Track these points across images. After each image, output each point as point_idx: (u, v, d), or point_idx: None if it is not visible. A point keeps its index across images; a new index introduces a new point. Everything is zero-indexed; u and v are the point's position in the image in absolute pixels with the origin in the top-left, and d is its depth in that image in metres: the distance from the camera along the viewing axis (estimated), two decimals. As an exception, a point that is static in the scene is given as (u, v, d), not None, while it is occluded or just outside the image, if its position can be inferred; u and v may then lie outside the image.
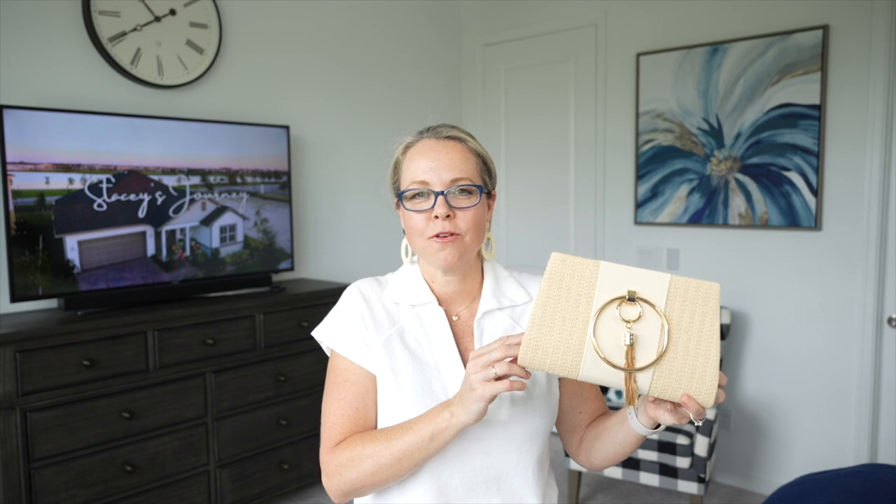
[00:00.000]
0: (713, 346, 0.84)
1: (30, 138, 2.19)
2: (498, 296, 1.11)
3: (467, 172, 1.05)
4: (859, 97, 2.68)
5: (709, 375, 0.83)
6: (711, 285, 0.87)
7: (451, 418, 0.93)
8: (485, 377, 0.88)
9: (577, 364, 0.85)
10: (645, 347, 0.84)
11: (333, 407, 1.05)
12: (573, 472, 2.82)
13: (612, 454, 1.06)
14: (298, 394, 2.77)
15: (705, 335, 0.84)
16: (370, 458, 0.97)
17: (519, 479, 1.04)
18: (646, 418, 0.94)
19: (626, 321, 0.85)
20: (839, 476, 1.20)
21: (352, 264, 3.44)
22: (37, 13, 2.36)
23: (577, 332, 0.86)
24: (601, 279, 0.87)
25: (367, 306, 1.09)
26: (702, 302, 0.86)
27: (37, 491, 2.06)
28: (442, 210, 1.02)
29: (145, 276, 2.49)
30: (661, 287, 0.86)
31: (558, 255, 0.90)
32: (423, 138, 1.09)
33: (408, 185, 1.06)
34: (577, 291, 0.87)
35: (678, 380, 0.83)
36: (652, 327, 0.85)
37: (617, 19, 3.34)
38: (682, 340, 0.84)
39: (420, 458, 0.96)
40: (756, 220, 2.95)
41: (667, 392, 0.84)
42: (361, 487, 1.00)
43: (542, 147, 3.70)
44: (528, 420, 1.04)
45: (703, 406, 0.83)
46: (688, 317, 0.85)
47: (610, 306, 0.86)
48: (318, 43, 3.27)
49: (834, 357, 2.82)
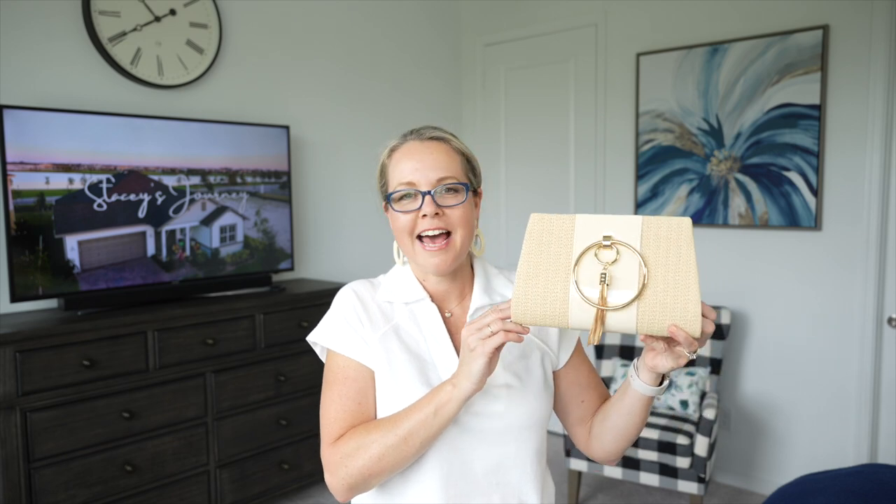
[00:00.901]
0: (692, 277, 0.87)
1: (30, 138, 2.19)
2: (489, 292, 1.13)
3: (453, 171, 1.07)
4: (859, 97, 2.68)
5: (691, 303, 0.86)
6: (682, 220, 0.89)
7: (453, 390, 0.94)
8: (481, 336, 0.91)
9: (566, 311, 0.89)
10: (626, 286, 0.87)
11: (333, 404, 1.05)
12: (573, 472, 2.82)
13: (622, 430, 1.06)
14: (298, 394, 2.77)
15: (682, 266, 0.87)
16: (375, 443, 0.98)
17: (517, 471, 1.04)
18: (647, 374, 0.97)
19: (604, 264, 0.88)
20: (839, 476, 1.21)
21: (352, 264, 3.44)
22: (37, 13, 2.36)
23: (561, 282, 0.89)
24: (577, 230, 0.91)
25: (362, 304, 1.10)
26: (675, 237, 0.89)
27: (37, 491, 2.06)
28: (430, 209, 1.04)
29: (145, 276, 2.49)
30: (635, 229, 0.90)
31: (536, 215, 0.94)
32: (408, 141, 1.10)
33: (395, 186, 1.07)
34: (557, 244, 0.91)
35: (662, 312, 0.86)
36: (630, 267, 0.88)
37: (617, 19, 3.34)
38: (661, 275, 0.87)
39: (425, 435, 0.96)
40: (756, 220, 2.95)
41: (654, 327, 0.87)
42: (368, 476, 0.99)
43: (543, 147, 3.70)
44: (525, 410, 1.05)
45: (692, 334, 0.85)
46: (663, 252, 0.88)
47: (588, 253, 0.89)
48: (318, 43, 3.27)
49: (834, 357, 2.82)
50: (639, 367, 0.99)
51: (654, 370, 0.95)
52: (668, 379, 0.99)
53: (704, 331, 0.86)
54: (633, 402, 1.02)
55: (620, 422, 1.05)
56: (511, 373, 1.06)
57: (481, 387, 0.94)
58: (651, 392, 0.98)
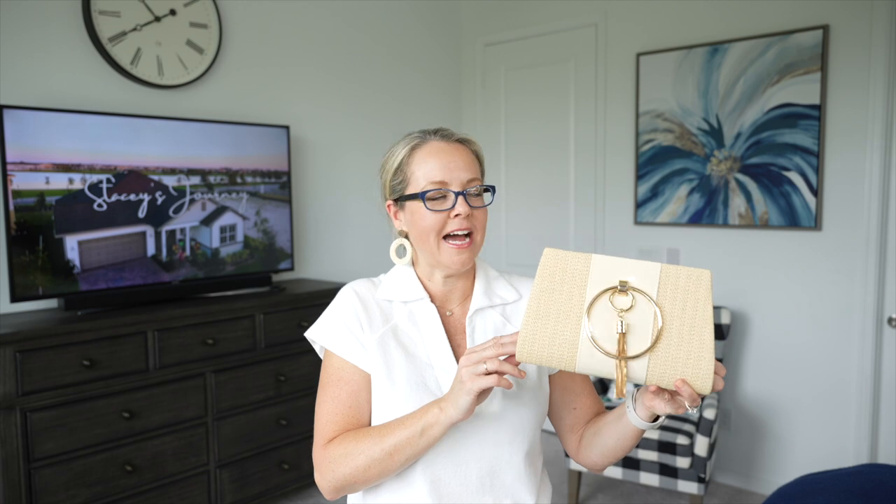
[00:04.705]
0: (707, 332, 0.84)
1: (30, 138, 2.19)
2: (489, 294, 1.13)
3: (477, 173, 1.09)
4: (859, 97, 2.68)
5: (704, 360, 0.83)
6: (702, 272, 0.87)
7: (440, 414, 0.94)
8: (475, 371, 0.90)
9: (574, 355, 0.86)
10: (639, 336, 0.84)
11: (327, 405, 1.06)
12: (573, 472, 2.82)
13: (610, 451, 1.07)
14: (298, 394, 2.77)
15: (698, 321, 0.85)
16: (362, 454, 0.99)
17: (511, 474, 1.05)
18: (644, 411, 0.96)
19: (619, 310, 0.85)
20: (839, 476, 1.21)
21: (352, 264, 3.44)
22: (37, 13, 2.36)
23: (572, 324, 0.86)
24: (593, 271, 0.88)
25: (363, 305, 1.10)
26: (693, 289, 0.86)
27: (37, 491, 2.06)
28: (464, 209, 1.04)
29: (145, 276, 2.49)
30: (653, 276, 0.87)
31: (550, 250, 0.92)
32: (431, 140, 1.09)
33: (425, 185, 1.06)
34: (571, 284, 0.88)
35: (674, 366, 0.84)
36: (645, 316, 0.85)
37: (617, 19, 3.34)
38: (676, 327, 0.85)
39: (410, 453, 0.97)
40: (756, 220, 2.95)
41: (663, 379, 0.84)
42: (354, 483, 1.01)
43: (542, 147, 3.70)
44: (519, 413, 1.05)
45: (701, 392, 0.83)
46: (680, 304, 0.86)
47: (603, 297, 0.86)
48: (319, 43, 3.27)
49: (834, 357, 2.82)
50: (636, 400, 0.97)
51: (650, 409, 0.93)
52: (662, 417, 0.97)
53: (714, 388, 0.85)
54: (625, 431, 1.01)
55: (610, 442, 1.06)
56: None
57: (468, 416, 0.93)
58: (644, 426, 0.98)
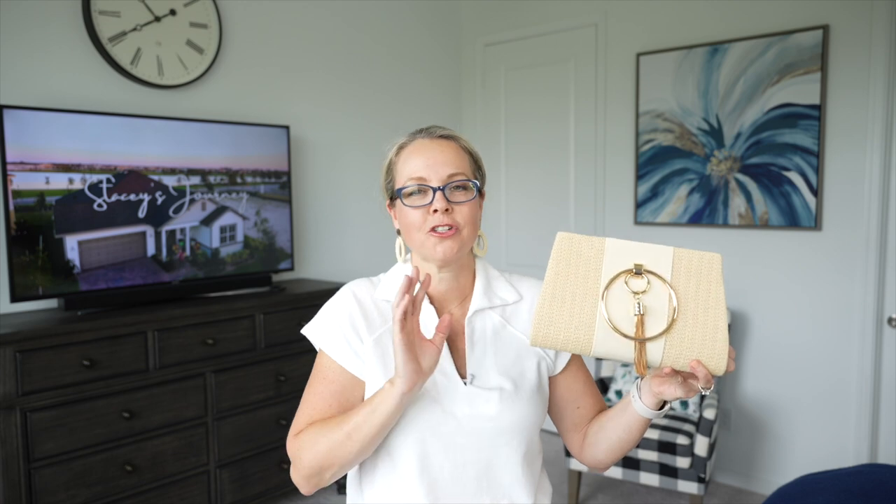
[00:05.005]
0: (720, 313, 0.86)
1: (30, 138, 2.19)
2: (489, 295, 1.12)
3: (462, 168, 1.08)
4: (859, 97, 2.68)
5: (719, 342, 0.84)
6: (713, 255, 0.88)
7: (390, 388, 0.94)
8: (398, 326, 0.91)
9: (590, 338, 0.86)
10: (654, 318, 0.85)
11: (307, 400, 1.07)
12: (573, 472, 2.82)
13: (617, 444, 1.06)
14: (298, 394, 2.76)
15: (712, 303, 0.86)
16: (324, 438, 0.99)
17: (508, 475, 1.04)
18: (650, 398, 0.96)
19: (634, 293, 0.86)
20: (839, 476, 1.21)
21: (352, 264, 3.44)
22: (37, 13, 2.36)
23: (588, 307, 0.87)
24: (607, 254, 0.89)
25: (360, 307, 1.10)
26: (706, 271, 0.88)
27: (37, 491, 2.06)
28: (441, 204, 1.04)
29: (145, 276, 2.49)
30: (666, 259, 0.88)
31: (564, 234, 0.91)
32: (417, 138, 1.11)
33: (405, 182, 1.07)
34: (585, 267, 0.89)
35: (689, 348, 0.85)
36: (660, 298, 0.86)
37: (617, 19, 3.34)
38: (691, 309, 0.86)
39: (367, 431, 0.96)
40: (756, 220, 2.95)
41: (679, 361, 0.85)
42: (320, 469, 1.00)
43: (542, 147, 3.70)
44: (517, 413, 1.05)
45: (715, 373, 0.84)
46: (693, 286, 0.87)
47: (618, 280, 0.87)
48: (319, 43, 3.27)
49: (834, 357, 2.82)
50: (641, 389, 0.97)
51: (658, 396, 0.93)
52: (669, 404, 0.97)
53: (727, 370, 0.86)
54: (631, 421, 1.01)
55: (615, 436, 1.05)
56: (505, 376, 1.06)
57: (413, 383, 0.93)
58: (650, 415, 0.98)
